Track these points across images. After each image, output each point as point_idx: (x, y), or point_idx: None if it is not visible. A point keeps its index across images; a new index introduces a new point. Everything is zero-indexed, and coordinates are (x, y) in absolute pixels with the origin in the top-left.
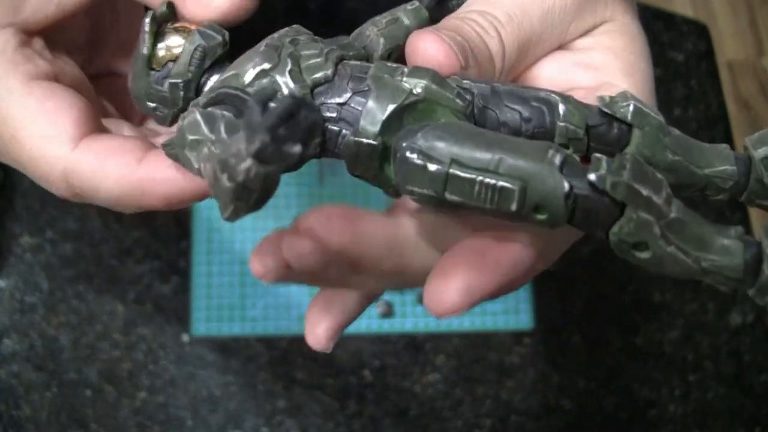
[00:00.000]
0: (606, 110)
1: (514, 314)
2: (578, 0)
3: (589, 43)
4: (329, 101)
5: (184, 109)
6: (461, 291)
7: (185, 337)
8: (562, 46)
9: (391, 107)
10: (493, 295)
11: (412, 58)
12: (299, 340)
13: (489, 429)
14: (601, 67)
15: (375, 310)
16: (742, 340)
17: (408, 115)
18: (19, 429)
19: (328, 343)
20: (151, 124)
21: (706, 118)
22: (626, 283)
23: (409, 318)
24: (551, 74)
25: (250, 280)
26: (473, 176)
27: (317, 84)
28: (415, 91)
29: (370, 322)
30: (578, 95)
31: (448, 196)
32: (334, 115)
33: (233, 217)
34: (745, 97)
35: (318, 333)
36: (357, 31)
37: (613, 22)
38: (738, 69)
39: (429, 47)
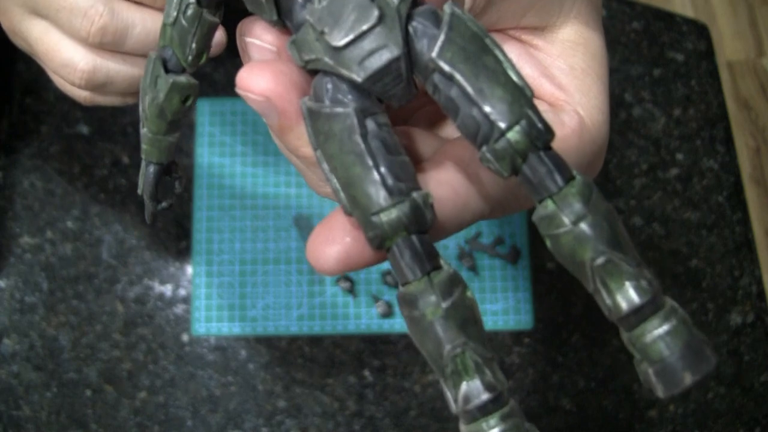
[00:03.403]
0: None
1: (514, 314)
2: None
3: (557, 52)
4: None
5: None
6: (338, 260)
7: (185, 337)
8: (523, 40)
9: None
10: (371, 264)
11: None
12: (299, 340)
13: None
14: (563, 85)
15: (375, 310)
16: (742, 340)
17: None
18: (19, 429)
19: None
20: None
21: (706, 118)
22: None
23: None
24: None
25: (250, 280)
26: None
27: None
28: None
29: (370, 322)
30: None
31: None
32: None
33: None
34: (745, 97)
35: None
36: None
37: (578, 32)
38: (738, 69)
39: None
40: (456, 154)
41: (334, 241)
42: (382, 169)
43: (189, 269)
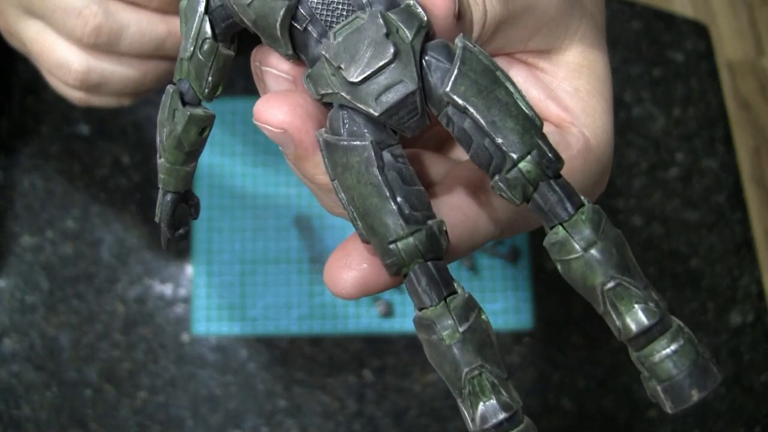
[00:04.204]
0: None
1: (514, 314)
2: (560, 5)
3: (563, 74)
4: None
5: None
6: (356, 286)
7: (185, 337)
8: (529, 62)
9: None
10: (387, 288)
11: None
12: (299, 340)
13: None
14: (568, 106)
15: (375, 309)
16: (742, 340)
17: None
18: (19, 429)
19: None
20: None
21: (706, 117)
22: None
23: (409, 318)
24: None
25: (250, 280)
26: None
27: None
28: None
29: (370, 322)
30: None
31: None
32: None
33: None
34: (745, 97)
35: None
36: None
37: (582, 54)
38: (738, 69)
39: None
40: (466, 178)
41: (351, 267)
42: (399, 199)
43: (189, 269)
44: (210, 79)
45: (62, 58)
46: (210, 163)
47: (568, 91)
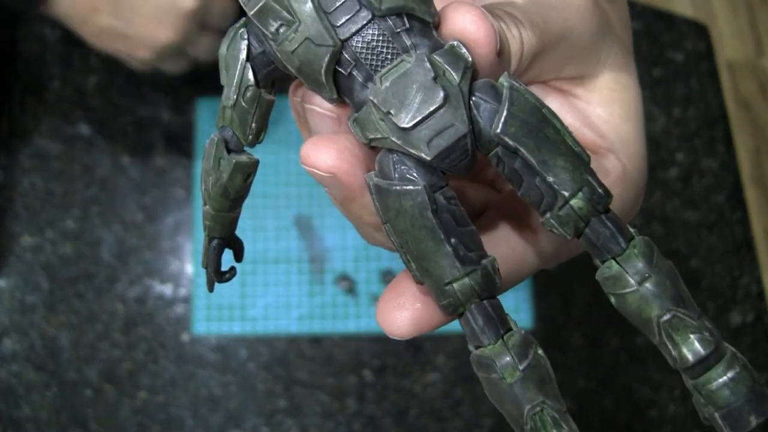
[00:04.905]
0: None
1: (514, 314)
2: (593, 33)
3: (596, 100)
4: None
5: None
6: (410, 325)
7: (185, 337)
8: (564, 89)
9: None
10: (440, 326)
11: (446, 30)
12: (299, 340)
13: (489, 429)
14: (604, 132)
15: (375, 309)
16: (742, 340)
17: None
18: (19, 429)
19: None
20: None
21: (706, 117)
22: None
23: None
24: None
25: (250, 280)
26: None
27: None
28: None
29: (370, 322)
30: None
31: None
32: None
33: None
34: (745, 97)
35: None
36: None
37: (615, 79)
38: (738, 69)
39: (469, 23)
40: (509, 210)
41: (405, 307)
42: (453, 241)
43: (189, 269)
44: (254, 125)
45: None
46: None
47: (602, 117)
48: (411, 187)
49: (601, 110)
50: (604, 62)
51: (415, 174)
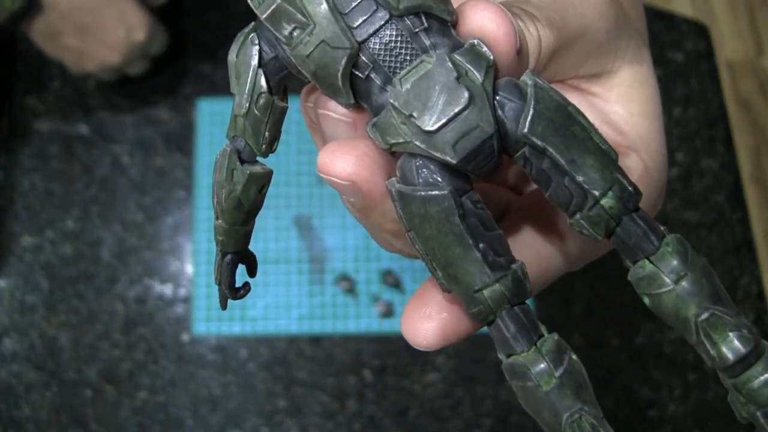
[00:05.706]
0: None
1: None
2: (610, 29)
3: (615, 98)
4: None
5: None
6: (437, 336)
7: (185, 337)
8: (582, 88)
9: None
10: (468, 335)
11: (464, 28)
12: (299, 340)
13: (489, 429)
14: (624, 130)
15: (375, 309)
16: None
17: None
18: (19, 429)
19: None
20: None
21: (706, 117)
22: (626, 284)
23: None
24: None
25: (251, 280)
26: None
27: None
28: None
29: (370, 322)
30: None
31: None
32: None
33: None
34: (745, 97)
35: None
36: None
37: (633, 76)
38: (738, 69)
39: (488, 20)
40: (532, 211)
41: (431, 317)
42: (482, 246)
43: (189, 269)
44: (267, 134)
45: None
46: (210, 162)
47: (621, 115)
48: (436, 192)
49: (620, 108)
50: (622, 58)
51: (439, 178)
